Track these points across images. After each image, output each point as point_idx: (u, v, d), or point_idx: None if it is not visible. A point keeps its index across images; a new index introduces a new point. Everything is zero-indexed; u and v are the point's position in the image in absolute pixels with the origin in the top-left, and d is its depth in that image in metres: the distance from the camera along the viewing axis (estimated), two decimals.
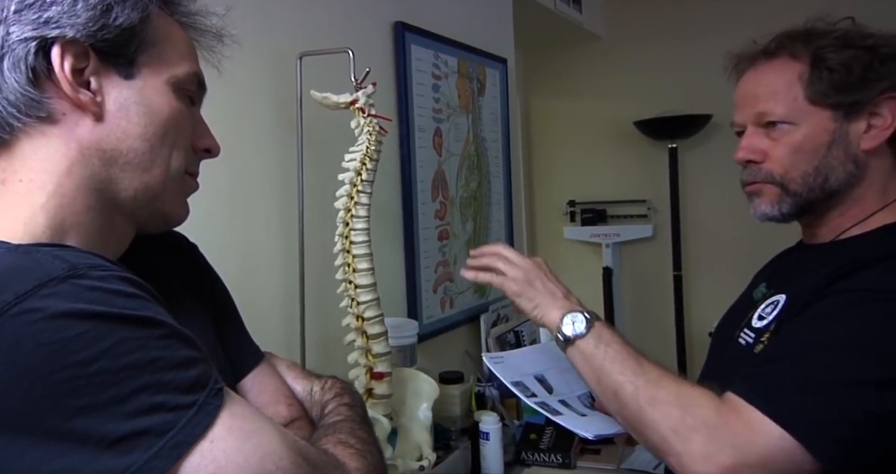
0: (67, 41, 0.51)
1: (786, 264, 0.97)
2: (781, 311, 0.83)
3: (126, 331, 0.44)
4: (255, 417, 0.49)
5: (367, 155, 1.05)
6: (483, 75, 1.89)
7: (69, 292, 0.43)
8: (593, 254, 2.86)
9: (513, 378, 0.97)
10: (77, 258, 0.46)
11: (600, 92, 2.85)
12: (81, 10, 0.51)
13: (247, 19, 1.17)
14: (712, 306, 2.67)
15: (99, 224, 0.55)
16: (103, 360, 0.42)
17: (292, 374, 0.74)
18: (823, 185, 0.84)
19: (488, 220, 1.91)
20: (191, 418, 0.44)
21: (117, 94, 0.54)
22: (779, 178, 0.86)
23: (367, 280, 1.04)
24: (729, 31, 2.52)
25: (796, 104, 0.84)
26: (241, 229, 1.16)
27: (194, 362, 0.47)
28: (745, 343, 0.86)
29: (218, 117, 0.65)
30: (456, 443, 1.41)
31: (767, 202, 0.88)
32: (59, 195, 0.52)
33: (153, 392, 0.43)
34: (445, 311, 1.69)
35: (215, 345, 0.66)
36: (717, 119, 2.58)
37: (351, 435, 0.61)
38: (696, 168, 2.71)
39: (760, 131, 0.88)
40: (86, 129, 0.53)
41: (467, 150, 1.80)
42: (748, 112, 0.89)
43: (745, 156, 0.90)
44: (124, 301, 0.45)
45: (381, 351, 1.04)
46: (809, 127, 0.84)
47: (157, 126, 0.56)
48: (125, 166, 0.55)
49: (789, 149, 0.85)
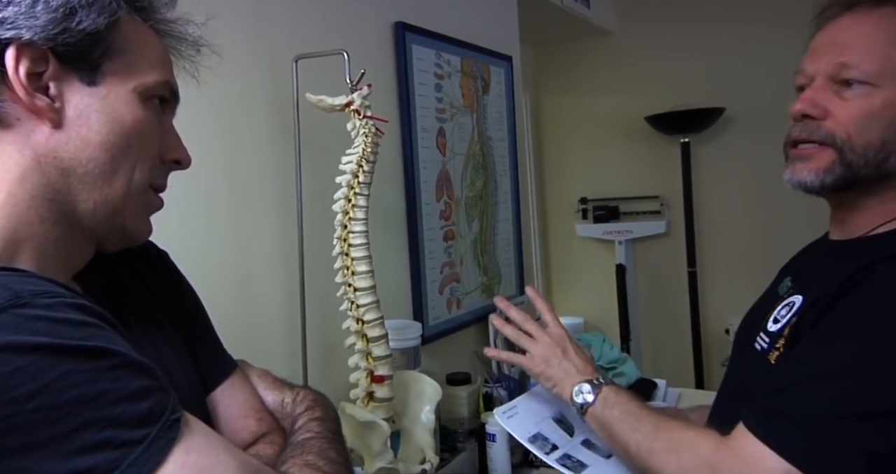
0: (23, 43, 0.49)
1: (811, 260, 0.90)
2: (794, 314, 0.78)
3: (71, 363, 0.41)
4: (211, 450, 0.46)
5: (363, 157, 1.04)
6: (487, 74, 1.87)
7: (9, 323, 0.41)
8: (606, 252, 2.84)
9: (529, 431, 0.94)
10: (21, 284, 0.44)
11: (610, 87, 2.82)
12: (41, 13, 0.49)
13: (242, 22, 1.17)
14: (728, 302, 2.65)
15: (54, 236, 0.52)
16: (44, 396, 0.40)
17: (263, 384, 0.71)
18: (882, 164, 0.75)
19: (495, 220, 1.90)
20: (139, 455, 0.42)
21: (78, 100, 0.52)
22: (839, 142, 0.75)
23: (366, 282, 1.03)
24: (740, 23, 2.50)
25: (889, 64, 0.73)
26: (240, 234, 1.16)
27: (147, 393, 0.44)
28: (759, 348, 0.81)
29: (214, 122, 0.64)
30: (463, 445, 1.40)
31: (814, 169, 0.77)
32: (10, 205, 0.50)
33: (99, 428, 0.41)
34: (452, 312, 1.68)
35: (185, 360, 0.64)
36: (730, 112, 2.54)
37: (319, 455, 0.58)
38: (709, 162, 2.67)
39: (831, 88, 0.76)
40: (42, 136, 0.51)
41: (472, 150, 1.79)
42: (826, 60, 0.77)
43: (803, 108, 0.77)
44: (72, 330, 0.43)
45: (381, 353, 1.04)
46: (893, 94, 0.73)
47: (118, 135, 0.53)
48: (84, 177, 0.52)
49: (861, 112, 0.74)
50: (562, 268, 3.01)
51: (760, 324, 0.85)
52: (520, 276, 2.02)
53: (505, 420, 0.95)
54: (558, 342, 1.01)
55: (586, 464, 0.92)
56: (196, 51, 0.63)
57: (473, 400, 1.51)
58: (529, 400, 1.00)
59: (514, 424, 0.94)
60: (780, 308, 0.82)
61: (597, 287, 2.86)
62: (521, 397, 1.00)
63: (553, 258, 3.03)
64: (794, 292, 0.83)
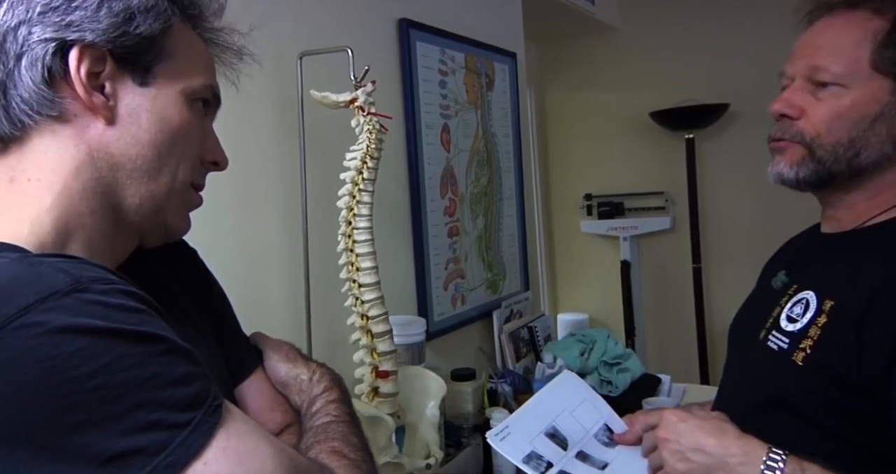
0: (86, 45, 0.52)
1: (805, 253, 0.91)
2: (816, 314, 0.78)
3: (125, 346, 0.44)
4: (251, 436, 0.48)
5: (367, 153, 1.04)
6: (492, 70, 1.87)
7: (71, 306, 0.43)
8: (611, 248, 2.84)
9: (523, 451, 0.92)
10: (81, 271, 0.46)
11: (615, 83, 2.81)
12: (104, 17, 0.52)
13: (247, 19, 1.17)
14: (733, 298, 2.60)
15: (102, 228, 0.55)
16: (101, 376, 0.42)
17: (277, 356, 0.72)
18: (852, 160, 0.78)
19: (500, 216, 1.90)
20: (185, 437, 0.44)
21: (130, 99, 0.55)
22: (808, 140, 0.79)
23: (370, 278, 1.04)
24: (743, 20, 2.49)
25: (856, 66, 0.76)
26: (246, 231, 1.17)
27: (193, 378, 0.46)
28: (778, 348, 0.81)
29: (219, 118, 0.65)
30: (468, 441, 1.41)
31: (788, 162, 0.81)
32: (65, 196, 0.53)
33: (150, 409, 0.43)
34: (457, 308, 1.69)
35: (217, 354, 0.66)
36: (735, 108, 2.53)
37: (345, 442, 0.60)
38: (714, 158, 2.66)
39: (807, 88, 0.80)
40: (96, 132, 0.54)
41: (476, 146, 1.79)
42: (802, 63, 0.81)
43: (780, 108, 0.82)
44: (126, 316, 0.45)
45: (385, 349, 1.04)
46: (861, 94, 0.77)
47: (166, 134, 0.56)
48: (133, 172, 0.55)
49: (831, 112, 0.78)
50: (566, 264, 3.01)
51: (767, 321, 0.85)
52: (524, 272, 2.02)
53: (497, 442, 0.92)
54: None
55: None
56: (239, 59, 0.66)
57: (478, 395, 1.51)
58: (521, 418, 0.97)
59: (506, 446, 0.92)
60: (791, 305, 0.82)
61: (601, 283, 2.86)
62: (513, 416, 0.98)
63: (558, 254, 3.03)
64: (799, 288, 0.83)
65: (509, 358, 1.74)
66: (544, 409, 0.98)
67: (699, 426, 0.79)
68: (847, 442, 0.75)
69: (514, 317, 1.86)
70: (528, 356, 1.82)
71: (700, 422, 0.80)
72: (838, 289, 0.77)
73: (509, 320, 1.83)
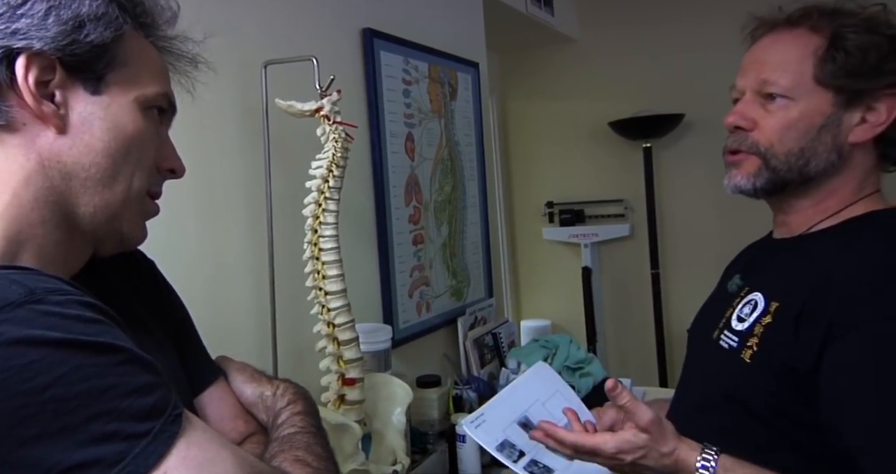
0: (34, 53, 0.52)
1: (759, 257, 0.96)
2: (763, 314, 0.82)
3: (82, 357, 0.43)
4: (211, 445, 0.48)
5: (333, 162, 1.05)
6: (455, 79, 1.90)
7: (25, 318, 0.43)
8: (573, 255, 2.88)
9: (497, 439, 0.94)
10: (36, 282, 0.45)
11: (575, 93, 2.87)
12: (52, 25, 0.52)
13: (211, 27, 1.16)
14: (690, 303, 2.67)
15: (55, 238, 0.54)
16: (56, 388, 0.42)
17: (242, 377, 0.72)
18: (803, 169, 0.83)
19: (463, 224, 1.92)
20: (144, 447, 0.44)
21: (82, 108, 0.54)
22: (763, 150, 0.84)
23: (337, 286, 1.04)
24: (695, 35, 2.58)
25: (801, 79, 0.81)
26: (209, 240, 1.16)
27: (153, 388, 0.46)
28: (728, 346, 0.85)
29: (181, 126, 0.65)
30: (433, 447, 1.41)
31: (745, 174, 0.86)
32: (14, 206, 0.52)
33: (107, 420, 0.43)
34: (422, 315, 1.70)
35: (176, 365, 0.65)
36: (690, 118, 2.61)
37: (308, 451, 0.60)
38: (670, 166, 2.74)
39: (758, 101, 0.85)
40: (46, 141, 0.53)
41: (440, 155, 1.81)
42: (751, 77, 0.86)
43: (735, 121, 0.86)
44: (82, 326, 0.45)
45: (352, 356, 1.05)
46: (807, 106, 0.82)
47: (120, 143, 0.56)
48: (86, 181, 0.55)
49: (781, 123, 0.83)
50: (529, 270, 3.05)
51: (720, 322, 0.89)
52: (488, 279, 2.04)
53: (473, 429, 0.95)
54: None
55: (553, 469, 0.93)
56: (193, 66, 0.66)
57: (443, 402, 1.52)
58: (495, 407, 1.00)
59: (481, 433, 0.95)
60: (742, 306, 0.86)
61: (563, 289, 2.91)
62: (488, 403, 1.01)
63: (520, 261, 3.07)
64: (750, 289, 0.87)
65: (474, 365, 1.76)
66: (518, 399, 1.01)
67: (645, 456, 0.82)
68: (789, 437, 0.78)
69: (479, 324, 1.88)
70: (492, 362, 1.84)
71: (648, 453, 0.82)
72: (782, 291, 0.82)
73: (474, 327, 1.85)
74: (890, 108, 0.81)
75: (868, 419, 0.71)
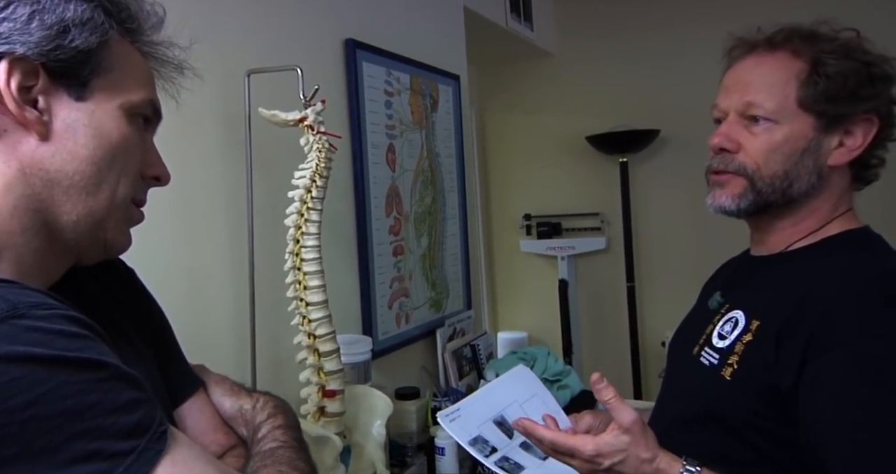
0: (16, 58, 0.50)
1: (738, 275, 0.97)
2: (744, 332, 0.83)
3: (65, 374, 0.42)
4: (196, 462, 0.47)
5: (316, 172, 1.05)
6: (436, 91, 1.91)
7: (7, 334, 0.42)
8: (549, 267, 2.90)
9: (470, 434, 0.95)
10: (19, 296, 0.44)
11: (553, 107, 2.91)
12: (35, 29, 0.51)
13: (194, 35, 1.16)
14: (665, 315, 2.75)
15: (35, 246, 0.53)
16: (38, 406, 0.41)
17: (220, 390, 0.71)
18: (786, 191, 0.84)
19: (443, 235, 1.93)
20: (128, 466, 0.43)
21: (66, 114, 0.53)
22: (749, 172, 0.85)
23: (318, 297, 1.03)
24: (673, 52, 2.63)
25: (786, 103, 0.82)
26: (189, 249, 1.15)
27: (137, 405, 0.45)
28: (708, 364, 0.85)
29: (163, 134, 0.64)
30: (412, 459, 1.41)
31: (730, 195, 0.86)
32: None
33: (90, 439, 0.42)
34: (401, 327, 1.69)
35: (156, 375, 0.64)
36: (665, 134, 2.66)
37: (290, 466, 0.59)
38: (646, 181, 2.78)
39: (741, 122, 0.85)
40: (29, 148, 0.52)
41: (421, 166, 1.82)
42: (736, 98, 0.86)
43: (720, 143, 0.87)
44: (66, 342, 0.44)
45: (333, 368, 1.04)
46: (791, 129, 0.83)
47: (105, 150, 0.55)
48: (69, 189, 0.53)
49: (767, 146, 0.83)
50: (506, 283, 3.06)
51: (700, 339, 0.90)
52: (467, 291, 2.04)
53: (447, 423, 0.95)
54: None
55: (523, 466, 0.94)
56: (179, 73, 0.65)
57: (422, 414, 1.52)
58: (472, 404, 1.00)
59: (455, 427, 0.95)
60: (723, 323, 0.87)
61: (540, 301, 2.92)
62: (464, 400, 1.02)
63: (498, 273, 3.08)
64: (731, 307, 0.88)
65: (452, 377, 1.75)
66: (495, 398, 1.02)
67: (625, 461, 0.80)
68: (769, 455, 0.79)
69: (457, 336, 1.88)
70: (470, 374, 1.84)
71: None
72: (762, 310, 0.83)
73: (452, 338, 1.85)
74: (865, 132, 0.83)
75: (846, 441, 0.72)
